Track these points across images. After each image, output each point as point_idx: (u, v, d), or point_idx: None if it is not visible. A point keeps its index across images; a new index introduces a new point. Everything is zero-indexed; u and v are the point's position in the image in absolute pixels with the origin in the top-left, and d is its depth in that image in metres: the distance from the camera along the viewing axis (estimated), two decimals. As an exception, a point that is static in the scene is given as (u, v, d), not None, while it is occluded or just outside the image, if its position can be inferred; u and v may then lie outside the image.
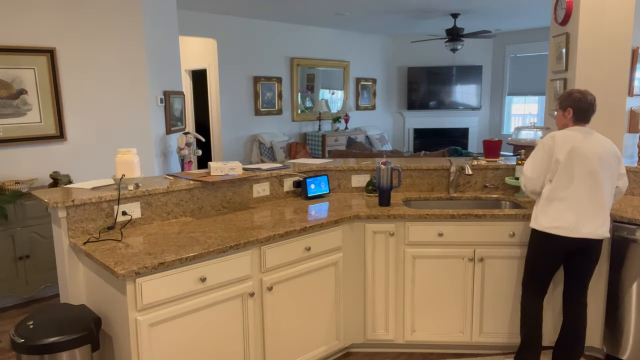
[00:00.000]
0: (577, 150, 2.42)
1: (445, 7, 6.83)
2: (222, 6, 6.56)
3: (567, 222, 2.44)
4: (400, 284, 2.92)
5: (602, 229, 2.46)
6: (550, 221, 2.47)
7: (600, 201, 2.45)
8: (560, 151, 2.44)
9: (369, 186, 3.33)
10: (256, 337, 2.47)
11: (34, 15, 3.87)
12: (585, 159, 2.42)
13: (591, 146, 2.44)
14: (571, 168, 2.43)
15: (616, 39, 3.23)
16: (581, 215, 2.43)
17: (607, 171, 2.45)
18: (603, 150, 2.44)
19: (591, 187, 2.43)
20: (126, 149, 2.55)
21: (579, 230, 2.43)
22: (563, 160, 2.43)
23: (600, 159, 2.43)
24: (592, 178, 2.43)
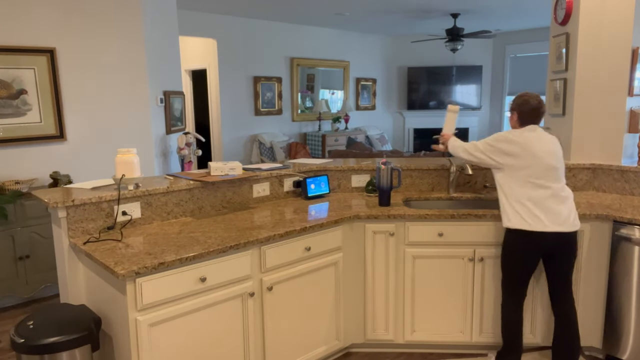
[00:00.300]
0: (535, 149, 2.53)
1: (445, 7, 6.83)
2: (222, 6, 6.56)
3: (540, 219, 2.48)
4: (400, 284, 2.92)
5: (574, 221, 2.52)
6: (523, 219, 2.50)
7: (564, 195, 2.53)
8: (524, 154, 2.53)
9: (369, 186, 3.33)
10: (256, 337, 2.47)
11: (34, 15, 3.87)
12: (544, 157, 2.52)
13: (545, 145, 2.55)
14: (533, 167, 2.51)
15: (616, 39, 3.23)
16: (552, 211, 2.49)
17: (561, 167, 2.58)
18: (555, 147, 2.58)
19: (554, 183, 2.52)
20: (126, 149, 2.55)
21: (552, 225, 2.47)
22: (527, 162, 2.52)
23: (555, 155, 2.55)
24: (553, 174, 2.52)
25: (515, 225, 2.52)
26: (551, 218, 2.48)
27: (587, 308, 2.90)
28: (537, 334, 2.93)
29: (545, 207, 2.49)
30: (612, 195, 3.24)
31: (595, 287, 2.87)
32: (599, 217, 2.78)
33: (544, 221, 2.47)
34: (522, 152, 2.53)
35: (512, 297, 2.66)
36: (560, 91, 3.48)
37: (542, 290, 2.88)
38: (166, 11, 5.16)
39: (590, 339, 2.93)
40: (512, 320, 2.66)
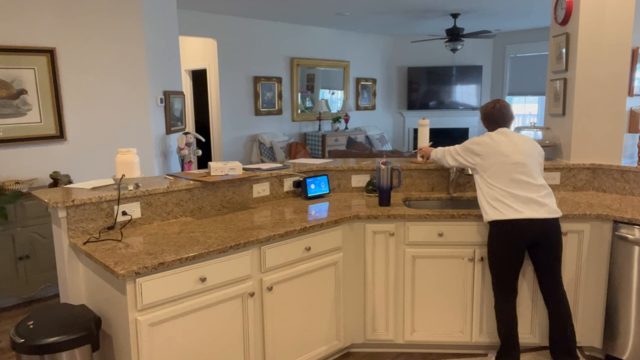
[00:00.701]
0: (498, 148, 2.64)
1: (445, 7, 6.83)
2: (222, 6, 6.57)
3: (513, 208, 2.55)
4: (400, 284, 2.92)
5: (549, 208, 2.57)
6: (498, 210, 2.57)
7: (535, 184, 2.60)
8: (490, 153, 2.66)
9: (369, 186, 3.33)
10: (256, 337, 2.47)
11: (34, 15, 3.87)
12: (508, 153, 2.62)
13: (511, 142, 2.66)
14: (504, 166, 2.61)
15: (616, 39, 3.23)
16: (522, 200, 2.56)
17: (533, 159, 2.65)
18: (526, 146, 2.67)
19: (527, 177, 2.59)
20: (126, 149, 2.55)
21: (522, 212, 2.53)
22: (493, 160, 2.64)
23: (522, 151, 2.64)
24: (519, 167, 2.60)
25: (491, 217, 2.59)
26: (525, 206, 2.54)
27: (587, 308, 2.90)
28: (537, 334, 2.93)
29: (518, 197, 2.56)
30: (612, 195, 3.24)
31: (595, 287, 2.87)
32: (599, 217, 2.78)
33: (517, 209, 2.54)
34: (489, 151, 2.66)
35: (502, 295, 2.68)
36: (560, 91, 3.48)
37: (538, 291, 2.87)
38: (166, 11, 5.16)
39: (590, 339, 2.93)
40: (506, 320, 2.67)
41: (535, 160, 2.67)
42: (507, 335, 2.68)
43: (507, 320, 2.67)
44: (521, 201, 2.55)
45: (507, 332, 2.67)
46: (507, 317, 2.67)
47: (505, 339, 2.69)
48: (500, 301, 2.69)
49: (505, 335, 2.68)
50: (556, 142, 3.57)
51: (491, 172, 2.63)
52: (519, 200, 2.55)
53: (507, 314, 2.67)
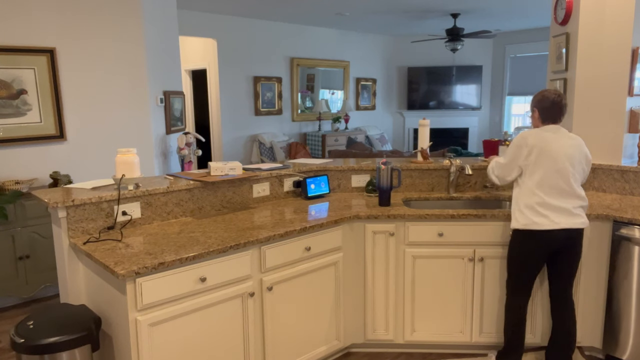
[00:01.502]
0: (547, 149, 2.50)
1: (445, 7, 6.83)
2: (222, 6, 6.56)
3: (546, 218, 2.48)
4: (400, 284, 2.92)
5: (580, 219, 2.51)
6: (530, 219, 2.50)
7: (574, 195, 2.51)
8: (532, 151, 2.52)
9: (369, 186, 3.33)
10: (256, 337, 2.47)
11: (34, 15, 3.87)
12: (555, 157, 2.49)
13: (560, 145, 2.51)
14: (543, 167, 2.50)
15: (616, 39, 3.23)
16: (558, 210, 2.48)
17: (578, 166, 2.53)
18: (572, 148, 2.52)
19: (564, 183, 2.49)
20: (126, 149, 2.55)
21: (558, 223, 2.47)
22: (534, 159, 2.51)
23: (570, 157, 2.51)
24: (563, 175, 2.49)
25: (522, 225, 2.52)
26: (561, 215, 2.47)
27: (587, 308, 2.90)
28: (537, 334, 2.93)
29: (553, 207, 2.48)
30: (612, 195, 3.24)
31: (595, 287, 2.87)
32: (599, 217, 2.78)
33: (553, 219, 2.46)
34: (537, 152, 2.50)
35: (516, 297, 2.66)
36: (560, 91, 3.48)
37: (542, 291, 2.88)
38: (166, 11, 5.16)
39: (590, 339, 2.93)
40: (515, 321, 2.65)
41: (580, 166, 2.53)
42: (514, 334, 2.66)
43: (516, 321, 2.65)
44: (557, 211, 2.47)
45: (514, 331, 2.66)
46: (517, 318, 2.65)
47: (510, 339, 2.67)
48: (512, 302, 2.67)
49: (512, 334, 2.66)
50: (556, 142, 3.57)
51: (535, 177, 2.50)
52: (554, 210, 2.47)
53: (517, 315, 2.65)
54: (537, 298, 2.88)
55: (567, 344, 2.65)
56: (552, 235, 2.48)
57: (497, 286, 2.89)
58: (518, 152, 2.57)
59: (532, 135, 2.55)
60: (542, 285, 2.86)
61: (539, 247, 2.52)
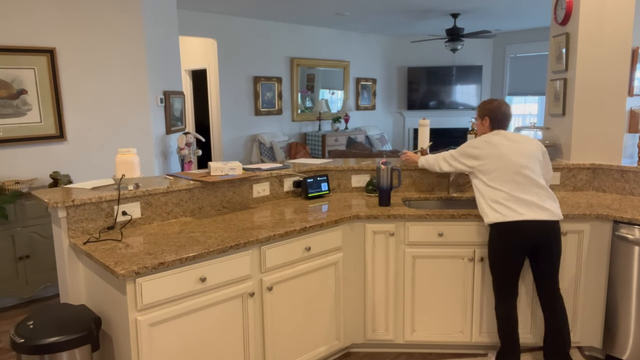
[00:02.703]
0: (499, 150, 2.61)
1: (445, 7, 6.83)
2: (222, 6, 6.56)
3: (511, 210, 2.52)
4: (400, 284, 2.92)
5: (548, 212, 2.54)
6: (497, 212, 2.55)
7: (537, 186, 2.57)
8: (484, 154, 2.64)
9: (369, 186, 3.33)
10: (256, 337, 2.47)
11: (34, 15, 3.87)
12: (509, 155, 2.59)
13: (509, 144, 2.63)
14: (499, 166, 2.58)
15: (616, 39, 3.23)
16: (522, 203, 2.53)
17: (533, 159, 2.62)
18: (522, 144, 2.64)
19: (523, 177, 2.56)
20: (126, 149, 2.55)
21: (523, 214, 2.51)
22: (489, 161, 2.61)
23: (522, 152, 2.61)
24: (520, 170, 2.57)
25: (492, 219, 2.56)
26: (527, 209, 2.52)
27: (587, 308, 2.90)
28: (537, 334, 2.93)
29: (520, 200, 2.54)
30: (612, 195, 3.24)
31: (595, 287, 2.87)
32: (599, 217, 2.78)
33: (519, 211, 2.51)
34: (489, 154, 2.63)
35: (503, 297, 2.67)
36: (560, 91, 3.48)
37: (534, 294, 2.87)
38: (166, 11, 5.16)
39: (590, 339, 2.93)
40: (506, 321, 2.67)
41: (537, 160, 2.64)
42: (508, 337, 2.67)
43: (508, 321, 2.66)
44: (523, 204, 2.53)
45: (508, 333, 2.67)
46: (508, 318, 2.66)
47: (506, 340, 2.68)
48: (500, 303, 2.68)
49: (506, 337, 2.68)
50: (556, 142, 3.57)
51: (493, 175, 2.60)
52: (521, 203, 2.53)
53: (507, 315, 2.66)
54: (535, 299, 2.88)
55: (562, 340, 2.66)
56: (522, 226, 2.51)
57: (497, 286, 2.89)
58: (465, 155, 2.74)
59: (478, 142, 2.70)
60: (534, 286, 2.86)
61: (512, 240, 2.55)
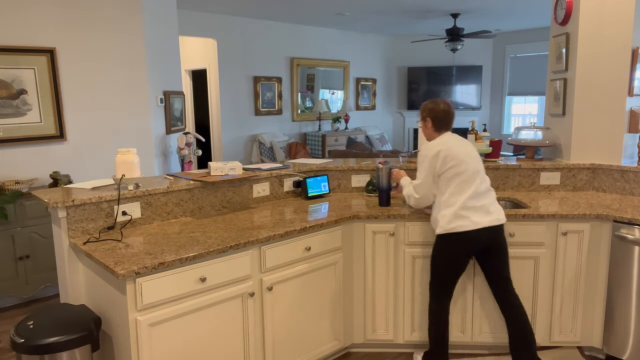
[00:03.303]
0: (455, 154, 2.54)
1: (445, 7, 6.83)
2: (222, 6, 6.57)
3: (467, 219, 2.50)
4: (400, 284, 2.92)
5: (497, 216, 2.55)
6: (453, 222, 2.51)
7: (487, 191, 2.58)
8: (444, 159, 2.54)
9: (369, 186, 3.33)
10: (256, 337, 2.47)
11: (34, 15, 3.87)
12: (464, 160, 2.54)
13: (463, 147, 2.58)
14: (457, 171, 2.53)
15: (616, 39, 3.23)
16: (477, 210, 2.51)
17: (481, 164, 2.62)
18: (472, 148, 2.62)
19: (477, 182, 2.54)
20: (126, 149, 2.55)
21: (479, 222, 2.49)
22: (448, 166, 2.54)
23: (474, 157, 2.59)
24: (474, 175, 2.55)
25: (445, 230, 2.52)
26: (481, 215, 2.51)
27: (587, 308, 2.90)
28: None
29: (474, 208, 2.51)
30: (612, 195, 3.24)
31: (595, 287, 2.87)
32: (599, 217, 2.78)
33: (473, 220, 2.49)
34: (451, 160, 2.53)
35: (439, 299, 2.67)
36: (560, 91, 3.48)
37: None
38: (166, 11, 5.16)
39: (590, 339, 2.94)
40: (439, 322, 2.67)
41: (481, 164, 2.62)
42: (438, 337, 2.68)
43: (440, 322, 2.67)
44: (477, 211, 2.50)
45: (439, 333, 2.67)
46: (441, 319, 2.67)
47: (436, 339, 2.69)
48: (436, 303, 2.68)
49: (436, 336, 2.68)
50: (556, 142, 3.57)
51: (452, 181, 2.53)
52: (475, 211, 2.50)
53: (440, 315, 2.67)
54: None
55: (525, 340, 2.64)
56: (475, 235, 2.50)
57: (497, 286, 2.89)
58: (432, 164, 2.57)
59: (438, 144, 2.58)
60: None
61: (463, 249, 2.54)
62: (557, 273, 2.86)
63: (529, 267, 2.86)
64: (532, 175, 3.40)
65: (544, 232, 2.82)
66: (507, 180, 3.42)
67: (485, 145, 3.47)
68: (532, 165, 3.39)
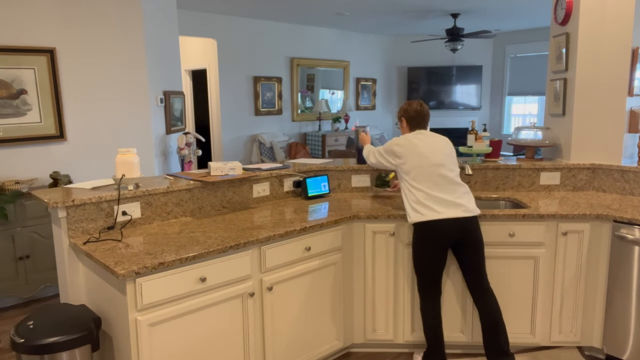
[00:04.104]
0: (417, 150, 2.65)
1: (445, 7, 6.83)
2: (222, 6, 6.57)
3: (430, 209, 2.56)
4: (400, 284, 2.92)
5: (463, 207, 2.58)
6: (418, 212, 2.58)
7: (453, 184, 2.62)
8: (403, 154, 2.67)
9: (379, 181, 3.35)
10: (256, 337, 2.47)
11: (34, 15, 3.87)
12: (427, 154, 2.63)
13: (428, 143, 2.68)
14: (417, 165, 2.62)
15: (616, 39, 3.23)
16: (440, 202, 2.57)
17: (450, 158, 2.69)
18: (440, 142, 2.71)
19: (440, 176, 2.61)
20: (126, 149, 2.55)
21: (441, 212, 2.54)
22: (407, 160, 2.65)
23: (440, 150, 2.67)
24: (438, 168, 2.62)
25: (413, 219, 2.60)
26: (444, 207, 2.55)
27: (587, 308, 2.90)
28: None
29: (437, 199, 2.57)
30: (612, 195, 3.24)
31: (595, 287, 2.87)
32: (599, 217, 2.78)
33: (437, 210, 2.54)
34: (409, 153, 2.66)
35: (426, 297, 2.69)
36: (560, 91, 3.48)
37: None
38: (166, 11, 5.16)
39: (590, 339, 2.94)
40: (431, 320, 2.68)
41: (452, 159, 2.69)
42: (433, 336, 2.69)
43: (432, 320, 2.68)
44: (440, 203, 2.56)
45: (433, 332, 2.69)
46: (432, 317, 2.68)
47: (431, 339, 2.70)
48: (425, 302, 2.70)
49: (429, 336, 2.69)
50: (556, 142, 3.57)
51: (413, 174, 2.63)
52: (438, 202, 2.56)
53: (432, 314, 2.68)
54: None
55: (497, 332, 2.65)
56: (441, 225, 2.54)
57: (497, 286, 2.89)
58: (389, 153, 2.75)
59: (401, 140, 2.73)
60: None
61: (433, 238, 2.57)
62: (557, 273, 2.86)
63: (529, 267, 2.86)
64: (532, 175, 3.40)
65: (544, 232, 2.82)
66: (507, 180, 3.42)
67: (485, 145, 3.48)
68: (532, 165, 3.39)
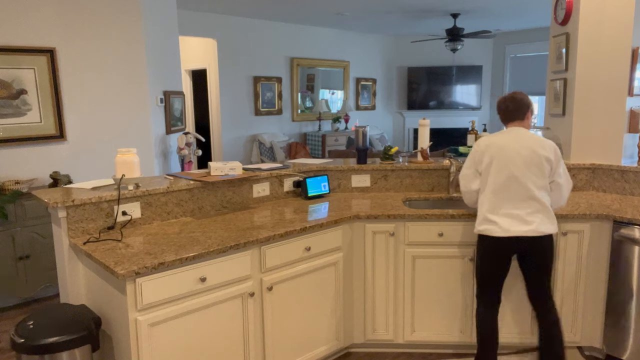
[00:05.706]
0: (499, 153, 2.47)
1: (445, 7, 6.83)
2: (222, 6, 6.56)
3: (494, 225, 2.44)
4: (400, 284, 2.92)
5: (531, 226, 2.41)
6: (482, 224, 2.49)
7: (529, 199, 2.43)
8: (484, 156, 2.52)
9: (384, 154, 3.57)
10: (256, 337, 2.47)
11: (34, 15, 3.87)
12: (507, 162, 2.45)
13: (512, 147, 2.47)
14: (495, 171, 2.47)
15: (616, 39, 3.23)
16: (508, 216, 2.43)
17: (534, 168, 2.44)
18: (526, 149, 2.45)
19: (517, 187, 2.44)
20: (126, 149, 2.55)
21: (507, 230, 2.42)
22: (488, 164, 2.50)
23: (523, 158, 2.44)
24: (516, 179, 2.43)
25: (477, 230, 2.53)
26: (508, 222, 2.42)
27: (587, 308, 2.90)
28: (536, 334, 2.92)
29: (502, 213, 2.44)
30: (612, 195, 3.24)
31: (595, 287, 2.87)
32: (599, 217, 2.78)
33: (500, 224, 2.42)
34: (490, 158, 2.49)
35: (484, 303, 2.64)
36: (560, 91, 3.48)
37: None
38: (166, 11, 5.16)
39: (590, 339, 2.93)
40: (484, 327, 2.62)
41: (536, 167, 2.44)
42: (484, 343, 2.63)
43: (485, 328, 2.63)
44: (506, 217, 2.43)
45: (485, 339, 2.63)
46: (485, 325, 2.63)
47: (482, 345, 2.64)
48: (478, 307, 2.66)
49: (483, 342, 2.64)
50: (556, 142, 3.56)
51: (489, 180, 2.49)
52: (503, 216, 2.44)
53: (485, 321, 2.62)
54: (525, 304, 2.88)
55: (552, 346, 2.60)
56: (502, 242, 2.44)
57: (497, 286, 2.89)
58: (472, 158, 2.58)
59: (485, 140, 2.57)
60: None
61: (492, 253, 2.50)
62: (557, 273, 2.86)
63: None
64: (532, 175, 3.40)
65: (544, 232, 2.82)
66: (507, 180, 3.42)
67: None
68: (532, 165, 3.39)
